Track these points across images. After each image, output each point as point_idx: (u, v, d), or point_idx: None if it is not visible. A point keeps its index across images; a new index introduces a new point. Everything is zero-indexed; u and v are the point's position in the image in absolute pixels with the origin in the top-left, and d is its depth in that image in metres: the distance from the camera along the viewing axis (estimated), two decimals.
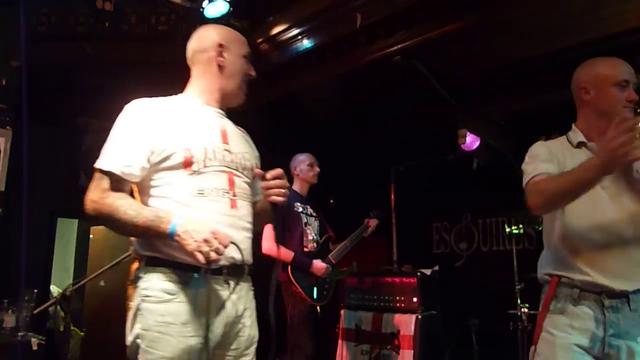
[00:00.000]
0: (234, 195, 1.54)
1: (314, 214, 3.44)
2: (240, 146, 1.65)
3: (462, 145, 4.23)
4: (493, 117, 3.66)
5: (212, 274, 1.43)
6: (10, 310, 2.94)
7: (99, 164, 1.44)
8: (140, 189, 1.53)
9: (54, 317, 4.98)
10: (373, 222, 3.53)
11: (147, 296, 1.42)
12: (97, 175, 1.44)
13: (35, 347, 2.79)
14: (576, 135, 1.73)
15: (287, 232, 3.21)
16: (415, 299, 3.58)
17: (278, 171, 1.55)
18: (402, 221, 4.97)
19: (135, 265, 1.50)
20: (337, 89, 3.83)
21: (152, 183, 1.49)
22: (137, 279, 1.46)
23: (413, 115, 4.38)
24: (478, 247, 4.79)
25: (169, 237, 1.36)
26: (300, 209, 3.34)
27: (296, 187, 3.46)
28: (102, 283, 4.98)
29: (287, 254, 3.13)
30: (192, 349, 1.41)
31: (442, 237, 5.04)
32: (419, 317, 3.51)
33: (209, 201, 1.48)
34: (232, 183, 1.54)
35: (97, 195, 1.41)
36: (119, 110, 1.51)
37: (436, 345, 3.63)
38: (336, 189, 4.57)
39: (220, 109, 1.66)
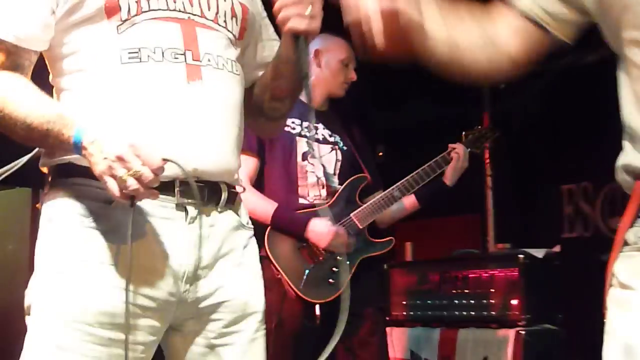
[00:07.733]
0: (196, 59, 1.03)
1: (331, 140, 2.28)
2: None
3: None
4: None
5: (159, 191, 0.95)
6: None
7: None
8: (51, 62, 1.09)
9: None
10: (461, 149, 2.36)
11: (51, 220, 1.03)
12: None
13: None
14: None
15: (266, 165, 2.21)
16: (515, 302, 2.60)
17: None
18: (505, 185, 3.49)
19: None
20: None
21: (64, 50, 1.04)
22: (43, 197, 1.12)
23: None
24: None
25: (73, 150, 0.95)
26: (297, 129, 2.19)
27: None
28: None
29: (265, 208, 2.10)
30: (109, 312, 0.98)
31: (579, 208, 3.26)
32: (522, 332, 2.55)
33: (150, 70, 0.99)
34: (191, 38, 1.03)
35: None
36: None
37: None
38: (388, 133, 3.23)
39: None
